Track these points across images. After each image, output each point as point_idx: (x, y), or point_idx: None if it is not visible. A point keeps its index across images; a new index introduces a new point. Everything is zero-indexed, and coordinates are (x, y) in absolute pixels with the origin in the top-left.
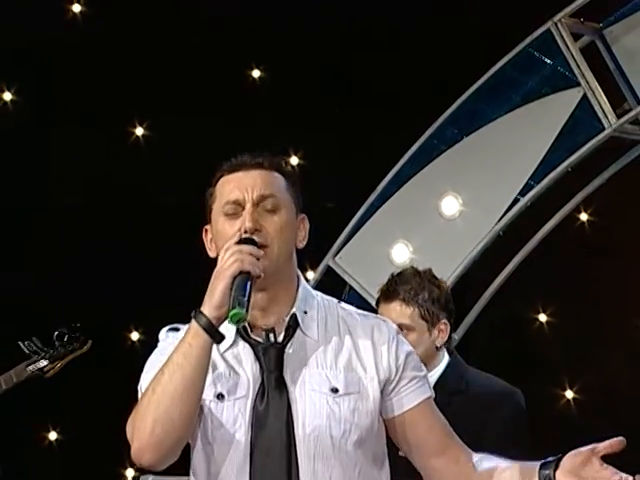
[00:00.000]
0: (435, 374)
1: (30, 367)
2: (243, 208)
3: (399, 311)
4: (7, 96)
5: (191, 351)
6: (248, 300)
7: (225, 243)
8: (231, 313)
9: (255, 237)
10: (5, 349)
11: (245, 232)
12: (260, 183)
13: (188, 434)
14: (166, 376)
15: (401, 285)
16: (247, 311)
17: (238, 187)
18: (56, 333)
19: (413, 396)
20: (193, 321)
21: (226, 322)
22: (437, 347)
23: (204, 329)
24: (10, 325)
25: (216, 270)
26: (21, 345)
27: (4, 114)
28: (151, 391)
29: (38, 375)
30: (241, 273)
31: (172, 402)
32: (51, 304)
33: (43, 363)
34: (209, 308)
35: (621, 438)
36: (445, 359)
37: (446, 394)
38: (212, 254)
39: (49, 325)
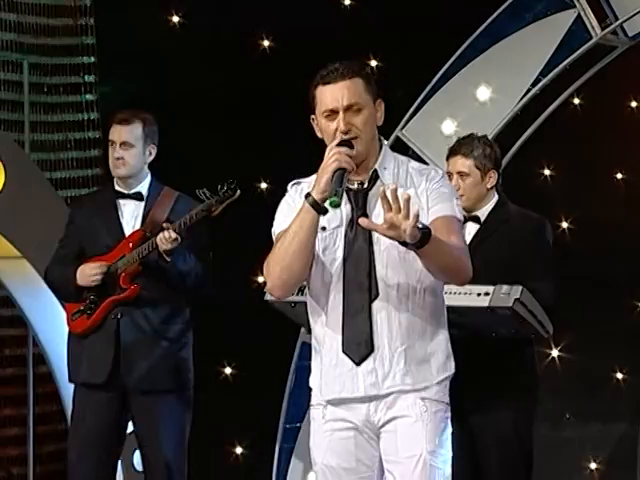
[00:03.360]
0: (488, 208)
1: (202, 208)
2: (337, 113)
3: (460, 163)
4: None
5: (304, 222)
6: (343, 190)
7: (327, 136)
8: (329, 200)
9: (349, 135)
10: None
11: (341, 132)
12: (347, 93)
13: (304, 277)
14: (287, 240)
15: (463, 145)
16: (341, 198)
17: (332, 98)
18: (219, 185)
19: (433, 212)
20: (305, 201)
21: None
22: (487, 189)
23: (312, 207)
24: (188, 178)
25: (322, 165)
26: (197, 192)
27: (171, 33)
28: (278, 248)
29: (206, 215)
30: (339, 169)
31: (292, 257)
32: (206, 161)
33: (211, 205)
34: (316, 192)
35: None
36: (495, 198)
37: (495, 223)
38: (319, 135)
39: (213, 178)
